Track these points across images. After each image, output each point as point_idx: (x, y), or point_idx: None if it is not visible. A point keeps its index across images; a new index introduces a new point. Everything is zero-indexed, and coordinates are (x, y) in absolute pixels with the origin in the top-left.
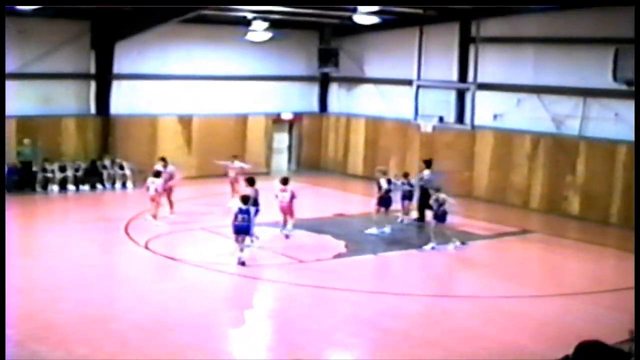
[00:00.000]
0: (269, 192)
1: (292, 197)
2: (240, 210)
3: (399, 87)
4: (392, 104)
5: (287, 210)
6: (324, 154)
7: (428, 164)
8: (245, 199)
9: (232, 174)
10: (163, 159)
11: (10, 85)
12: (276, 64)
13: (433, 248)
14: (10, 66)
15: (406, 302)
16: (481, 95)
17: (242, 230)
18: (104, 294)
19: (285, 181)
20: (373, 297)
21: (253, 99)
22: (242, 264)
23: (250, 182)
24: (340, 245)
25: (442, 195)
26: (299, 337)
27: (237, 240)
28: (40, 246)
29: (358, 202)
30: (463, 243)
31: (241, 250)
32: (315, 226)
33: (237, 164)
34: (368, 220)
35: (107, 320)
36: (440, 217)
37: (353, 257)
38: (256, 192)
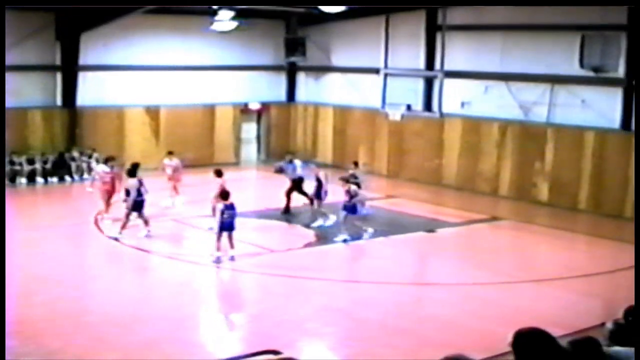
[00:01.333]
0: (239, 183)
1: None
2: (226, 207)
3: (367, 76)
4: (360, 92)
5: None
6: (292, 144)
7: (292, 155)
8: (225, 195)
9: (169, 171)
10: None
11: None
12: (243, 54)
13: (345, 241)
14: None
15: (379, 290)
16: (449, 83)
17: (229, 226)
18: (75, 287)
19: (219, 173)
20: (346, 286)
21: (220, 89)
22: (232, 258)
23: (218, 173)
24: (310, 234)
25: (353, 187)
26: (273, 328)
27: (220, 238)
28: (10, 240)
29: (327, 191)
30: (374, 231)
31: (232, 246)
32: (286, 216)
33: (174, 160)
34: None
35: (79, 314)
36: (351, 208)
37: (323, 246)
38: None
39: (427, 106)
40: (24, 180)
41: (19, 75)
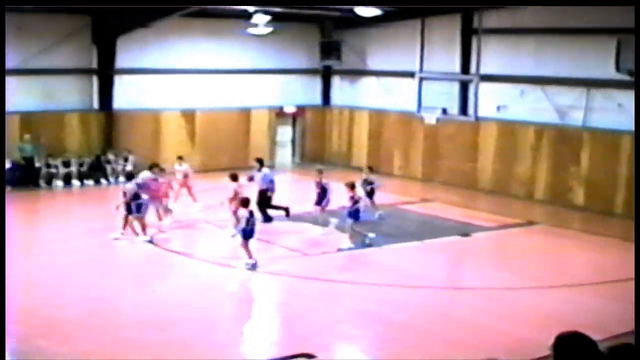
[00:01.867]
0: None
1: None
2: (251, 214)
3: (402, 80)
4: (395, 96)
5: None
6: (327, 147)
7: (261, 162)
8: (246, 202)
9: (179, 176)
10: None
11: (11, 82)
12: (278, 57)
13: (350, 249)
14: (11, 62)
15: (410, 294)
16: (484, 86)
17: (250, 234)
18: (107, 289)
19: (234, 177)
20: (377, 289)
21: (256, 93)
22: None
23: (234, 177)
24: (344, 238)
25: (357, 193)
26: (305, 330)
27: (248, 244)
28: (44, 241)
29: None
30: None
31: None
32: (320, 219)
33: (184, 165)
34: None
35: (111, 316)
36: (354, 214)
37: (357, 249)
38: (240, 187)
39: (463, 110)
40: (60, 182)
41: (56, 79)
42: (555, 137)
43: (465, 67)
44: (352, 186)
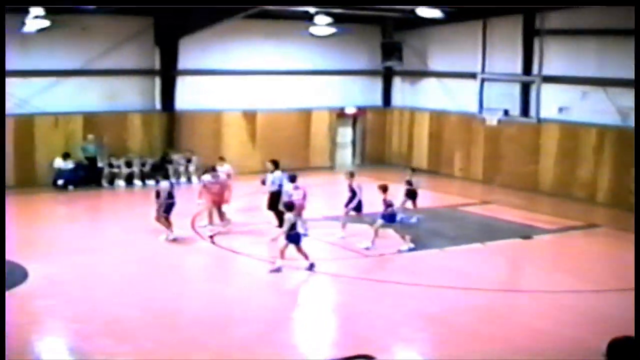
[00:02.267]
0: (334, 187)
1: (305, 196)
2: (295, 219)
3: (463, 81)
4: (456, 97)
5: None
6: (387, 148)
7: (276, 164)
8: (290, 207)
9: (222, 176)
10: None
11: (75, 82)
12: (339, 58)
13: (367, 248)
14: (74, 63)
15: (471, 297)
16: (546, 88)
17: (295, 239)
18: (169, 288)
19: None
20: (438, 291)
21: (316, 94)
22: (311, 267)
23: (292, 179)
24: (405, 240)
25: (388, 197)
26: (365, 332)
27: (286, 249)
28: (106, 241)
29: (423, 196)
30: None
31: (306, 257)
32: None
33: (226, 166)
34: (433, 214)
35: (172, 315)
36: (389, 217)
37: (419, 251)
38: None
39: (524, 111)
40: (122, 182)
41: (119, 79)
42: (617, 139)
43: (527, 68)
44: (384, 189)
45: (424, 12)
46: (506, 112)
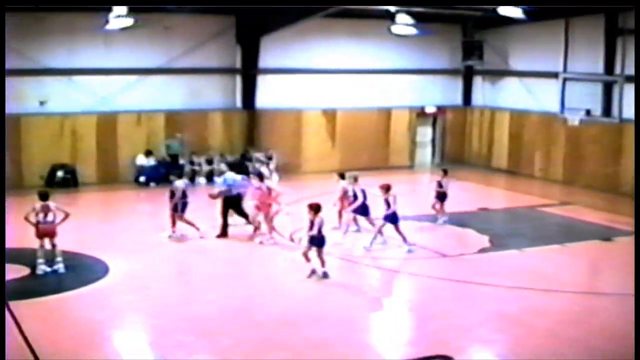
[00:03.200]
0: (413, 186)
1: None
2: (322, 222)
3: (545, 80)
4: (537, 97)
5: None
6: (467, 148)
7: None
8: (317, 208)
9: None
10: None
11: (157, 80)
12: (419, 57)
13: (367, 249)
14: (157, 61)
15: (550, 298)
16: (629, 88)
17: (319, 242)
18: (247, 286)
19: (342, 176)
20: (517, 293)
21: (396, 93)
22: (325, 275)
23: (342, 176)
24: (484, 240)
25: (391, 196)
26: (442, 332)
27: (309, 252)
28: (185, 238)
29: (502, 196)
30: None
31: (322, 264)
32: (459, 220)
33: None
34: (512, 215)
35: (250, 313)
36: (391, 218)
37: (497, 252)
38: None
39: (606, 111)
40: (202, 180)
41: (200, 78)
42: None
43: (609, 68)
44: (387, 188)
45: (505, 11)
46: (588, 112)
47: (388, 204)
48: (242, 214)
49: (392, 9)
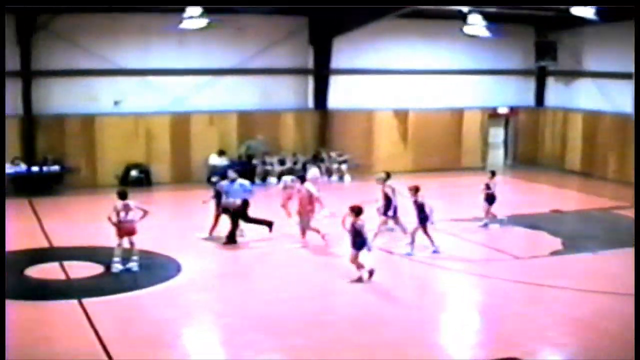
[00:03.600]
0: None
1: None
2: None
3: (619, 81)
4: (612, 98)
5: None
6: (540, 149)
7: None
8: (359, 211)
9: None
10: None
11: (230, 81)
12: (492, 58)
13: (409, 254)
14: (229, 62)
15: (622, 302)
16: None
17: (361, 245)
18: (317, 286)
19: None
20: (589, 296)
21: (468, 93)
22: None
23: (386, 175)
24: (556, 242)
25: (420, 199)
26: (512, 334)
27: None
28: (257, 237)
29: (575, 198)
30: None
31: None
32: (531, 222)
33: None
34: (585, 217)
35: (321, 313)
36: (423, 219)
37: (570, 254)
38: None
39: None
40: (274, 180)
41: (273, 78)
42: None
43: None
44: (416, 190)
45: (577, 11)
46: None
47: (417, 206)
48: (250, 220)
49: (465, 9)
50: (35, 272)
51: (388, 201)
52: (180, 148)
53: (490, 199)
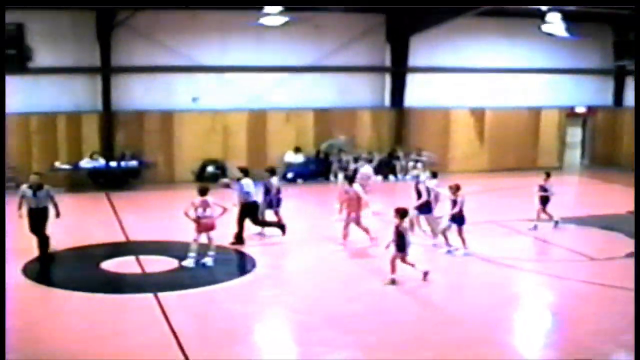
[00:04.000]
0: (561, 187)
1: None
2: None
3: None
4: None
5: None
6: (618, 150)
7: (245, 172)
8: (404, 214)
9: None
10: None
11: (307, 78)
12: (570, 57)
13: (449, 252)
14: (307, 59)
15: None
16: None
17: (404, 248)
18: (389, 285)
19: (434, 175)
20: None
21: (546, 93)
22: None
23: (434, 175)
24: (632, 244)
25: (459, 197)
26: (586, 337)
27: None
28: (332, 234)
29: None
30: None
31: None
32: (607, 223)
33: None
34: None
35: (393, 311)
36: (459, 219)
37: None
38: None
39: None
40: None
41: (350, 76)
42: None
43: None
44: (456, 189)
45: None
46: None
47: (455, 205)
48: (259, 222)
49: (544, 7)
50: (112, 265)
51: (420, 197)
52: (256, 145)
53: (544, 200)
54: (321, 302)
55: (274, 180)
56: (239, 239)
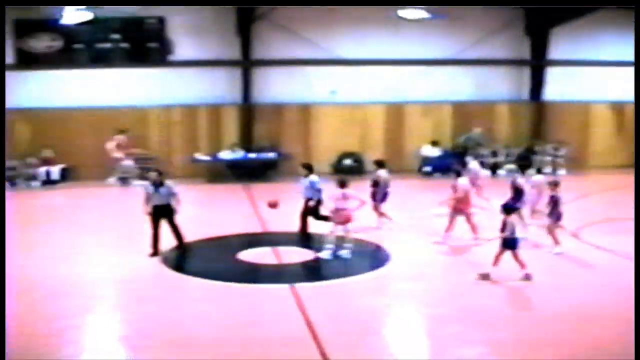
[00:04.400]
0: None
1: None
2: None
3: None
4: None
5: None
6: None
7: (309, 168)
8: (509, 210)
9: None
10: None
11: (445, 71)
12: None
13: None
14: (445, 52)
15: None
16: None
17: (514, 245)
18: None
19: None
20: None
21: None
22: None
23: (458, 173)
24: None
25: (558, 194)
26: None
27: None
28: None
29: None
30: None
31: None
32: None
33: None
34: None
35: (524, 308)
36: (556, 217)
37: None
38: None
39: None
40: (486, 172)
41: (488, 69)
42: None
43: None
44: (555, 184)
45: None
46: None
47: (553, 202)
48: (321, 218)
49: None
50: (249, 255)
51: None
52: (393, 138)
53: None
54: (453, 296)
55: (383, 173)
56: (305, 234)
